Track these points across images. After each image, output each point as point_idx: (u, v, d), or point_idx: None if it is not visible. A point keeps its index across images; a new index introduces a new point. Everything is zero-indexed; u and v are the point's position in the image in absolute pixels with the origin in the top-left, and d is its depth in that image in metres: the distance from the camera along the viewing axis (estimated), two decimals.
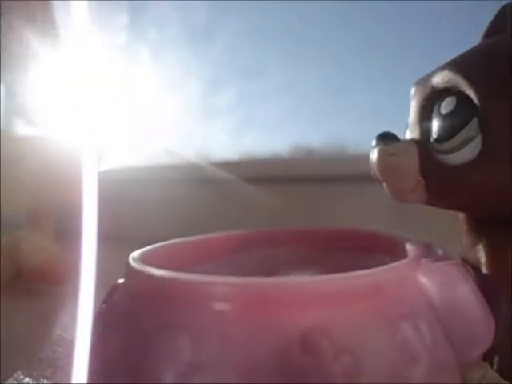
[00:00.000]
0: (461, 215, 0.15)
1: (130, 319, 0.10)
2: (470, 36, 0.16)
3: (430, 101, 0.14)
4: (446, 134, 0.13)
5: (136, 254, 0.12)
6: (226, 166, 0.53)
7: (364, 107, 0.47)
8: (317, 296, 0.08)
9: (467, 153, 0.12)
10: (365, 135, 0.44)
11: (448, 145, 0.13)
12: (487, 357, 0.12)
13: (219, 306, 0.08)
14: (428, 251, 0.13)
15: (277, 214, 0.46)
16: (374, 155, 0.14)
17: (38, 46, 0.22)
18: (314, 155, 0.52)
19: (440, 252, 0.13)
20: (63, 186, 0.28)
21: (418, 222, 0.32)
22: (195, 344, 0.08)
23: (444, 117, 0.13)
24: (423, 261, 0.11)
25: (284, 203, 0.47)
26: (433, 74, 0.14)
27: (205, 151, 0.60)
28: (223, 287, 0.08)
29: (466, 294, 0.10)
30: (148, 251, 0.13)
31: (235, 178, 0.50)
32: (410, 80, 0.16)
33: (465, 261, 0.14)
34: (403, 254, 0.12)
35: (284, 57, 0.53)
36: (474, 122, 0.12)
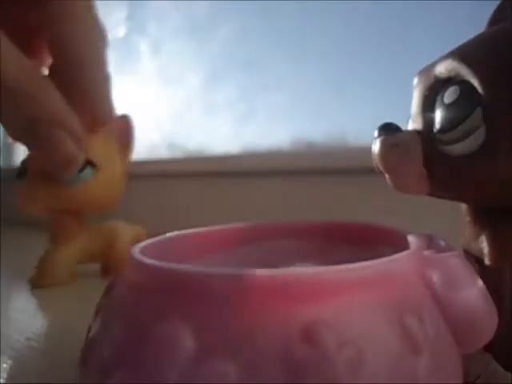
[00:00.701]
0: (463, 206, 0.15)
1: (130, 311, 0.09)
2: (472, 26, 0.16)
3: (433, 91, 0.14)
4: (450, 124, 0.12)
5: (138, 246, 0.12)
6: (227, 159, 0.53)
7: (365, 100, 0.47)
8: (319, 287, 0.08)
9: (471, 143, 0.12)
10: (365, 128, 0.44)
11: (451, 135, 0.12)
12: (490, 348, 0.12)
13: (220, 297, 0.08)
14: (430, 243, 0.13)
15: (278, 206, 0.46)
16: (375, 146, 0.14)
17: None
18: (315, 148, 0.51)
19: (442, 243, 0.13)
20: None
21: (419, 214, 0.32)
22: (196, 336, 0.08)
23: (447, 106, 0.13)
24: (426, 252, 0.11)
25: (285, 196, 0.47)
26: (436, 63, 0.14)
27: (206, 145, 0.60)
28: (224, 279, 0.08)
29: (468, 285, 0.10)
30: (151, 243, 0.13)
31: (236, 172, 0.50)
32: (411, 71, 0.16)
33: (467, 252, 0.14)
34: (405, 246, 0.12)
35: (285, 50, 0.53)
36: (478, 111, 0.12)
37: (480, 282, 0.11)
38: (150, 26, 0.62)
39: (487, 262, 0.13)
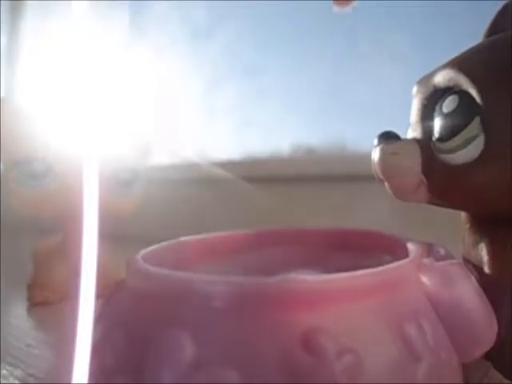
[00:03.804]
0: (463, 214, 0.15)
1: (131, 318, 0.10)
2: (471, 34, 0.16)
3: (432, 100, 0.14)
4: (448, 133, 0.13)
5: (139, 253, 0.12)
6: (227, 165, 0.53)
7: (364, 106, 0.47)
8: (319, 295, 0.08)
9: (469, 152, 0.12)
10: (365, 134, 0.44)
11: (450, 144, 0.13)
12: (489, 356, 0.12)
13: (220, 305, 0.08)
14: (430, 251, 0.13)
15: (277, 213, 0.46)
16: (375, 154, 0.14)
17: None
18: (315, 154, 0.52)
19: (442, 251, 0.13)
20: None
21: (419, 222, 0.32)
22: (196, 343, 0.08)
23: (446, 116, 0.13)
24: (425, 260, 0.11)
25: (285, 202, 0.47)
26: (434, 72, 0.14)
27: (205, 151, 0.60)
28: (224, 286, 0.08)
29: (467, 293, 0.10)
30: (151, 251, 0.13)
31: (236, 178, 0.50)
32: (411, 79, 0.16)
33: (467, 260, 0.14)
34: (404, 254, 0.12)
35: (284, 56, 0.53)
36: (477, 120, 0.12)
37: (478, 289, 0.11)
38: (151, 33, 0.63)
39: (486, 269, 0.13)
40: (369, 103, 0.47)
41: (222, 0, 0.55)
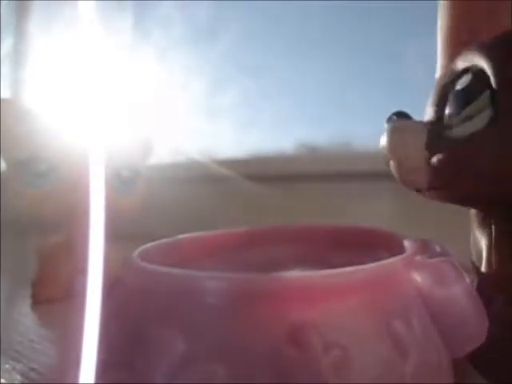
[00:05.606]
0: (471, 212, 0.15)
1: (124, 314, 0.10)
2: None
3: (449, 82, 0.14)
4: (458, 108, 0.13)
5: (138, 250, 0.12)
6: (231, 164, 0.53)
7: (369, 104, 0.47)
8: (307, 291, 0.09)
9: (476, 123, 0.12)
10: (370, 133, 0.44)
11: (459, 117, 0.13)
12: (478, 353, 0.12)
13: (210, 300, 0.08)
14: (426, 248, 0.13)
15: (281, 211, 0.47)
16: (384, 134, 0.14)
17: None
18: (319, 153, 0.52)
19: (437, 249, 0.13)
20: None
21: (424, 220, 0.32)
22: (187, 339, 0.08)
23: (458, 92, 0.13)
24: (418, 257, 0.11)
25: (288, 201, 0.47)
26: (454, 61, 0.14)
27: (210, 149, 0.60)
28: (214, 282, 0.09)
29: (458, 290, 0.10)
30: (148, 248, 0.14)
31: (240, 176, 0.51)
32: (416, 77, 0.16)
33: (471, 258, 0.14)
34: (401, 251, 0.12)
35: (288, 55, 0.53)
36: (486, 94, 0.12)
37: (469, 286, 0.11)
38: (155, 33, 0.63)
39: (486, 267, 0.13)
40: (373, 101, 0.47)
41: (226, 0, 0.55)
